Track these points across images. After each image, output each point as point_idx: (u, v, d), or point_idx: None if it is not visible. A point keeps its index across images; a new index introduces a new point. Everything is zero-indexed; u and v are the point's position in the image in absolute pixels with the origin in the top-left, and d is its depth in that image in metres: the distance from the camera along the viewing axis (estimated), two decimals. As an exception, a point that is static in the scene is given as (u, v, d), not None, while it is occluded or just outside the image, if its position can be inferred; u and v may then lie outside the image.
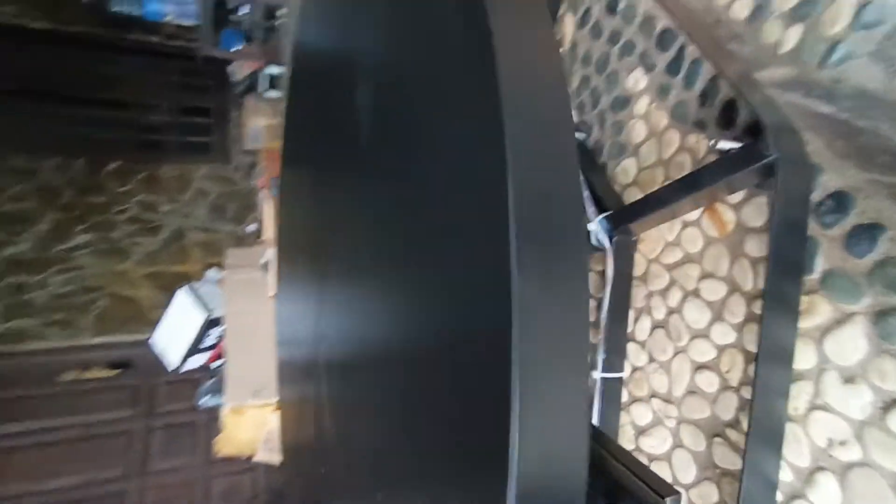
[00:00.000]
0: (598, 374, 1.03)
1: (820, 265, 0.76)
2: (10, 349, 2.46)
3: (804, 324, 0.78)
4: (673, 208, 0.87)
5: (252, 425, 4.10)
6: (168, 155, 3.29)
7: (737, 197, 0.88)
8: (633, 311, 1.09)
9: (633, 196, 1.09)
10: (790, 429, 0.79)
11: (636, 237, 1.03)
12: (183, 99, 3.55)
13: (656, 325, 1.04)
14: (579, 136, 1.17)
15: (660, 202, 0.86)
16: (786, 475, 0.80)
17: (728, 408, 0.89)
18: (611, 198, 1.04)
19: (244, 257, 4.11)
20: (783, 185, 0.68)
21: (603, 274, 1.06)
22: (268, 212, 4.34)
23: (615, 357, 1.04)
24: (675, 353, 1.00)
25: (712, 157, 0.87)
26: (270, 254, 4.11)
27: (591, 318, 1.14)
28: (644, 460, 1.06)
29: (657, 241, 1.03)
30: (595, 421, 1.03)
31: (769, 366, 0.76)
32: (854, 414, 0.73)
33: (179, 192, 3.18)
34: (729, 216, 0.90)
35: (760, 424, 0.73)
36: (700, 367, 0.95)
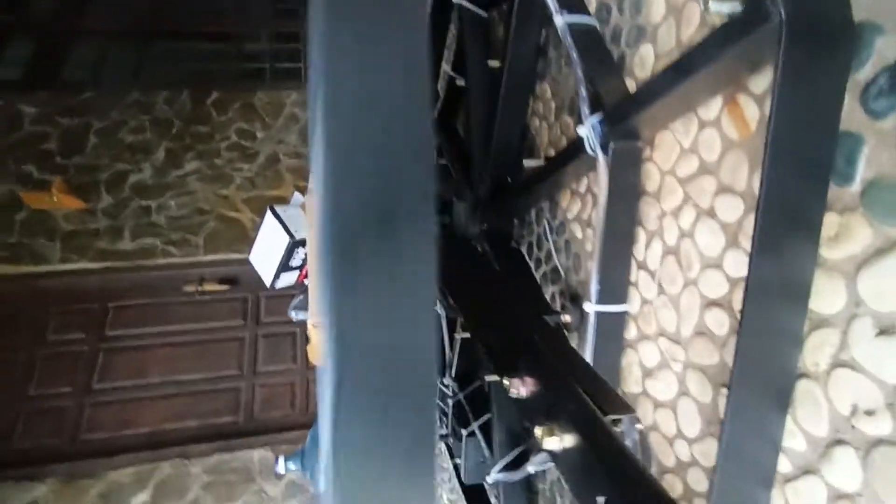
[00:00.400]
0: (591, 307, 0.88)
1: (861, 172, 0.55)
2: (139, 264, 2.78)
3: (832, 253, 0.58)
4: (676, 100, 0.67)
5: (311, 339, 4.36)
6: (262, 82, 3.43)
7: (761, 84, 0.65)
8: (645, 234, 0.90)
9: (648, 93, 0.88)
10: (806, 387, 0.61)
11: (643, 142, 0.83)
12: (277, 25, 3.64)
13: (667, 252, 0.85)
14: (590, 21, 0.95)
15: (655, 92, 0.66)
16: (797, 442, 0.63)
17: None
18: (616, 96, 0.84)
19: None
20: (790, 56, 0.47)
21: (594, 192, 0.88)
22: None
23: (614, 287, 0.88)
24: (685, 286, 0.82)
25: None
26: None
27: (583, 241, 0.96)
28: (650, 406, 0.92)
29: (671, 147, 0.83)
30: (588, 357, 0.90)
31: (770, 301, 0.58)
32: (889, 376, 0.54)
33: (273, 118, 3.29)
34: (752, 112, 0.68)
35: (750, 374, 0.57)
36: (710, 304, 0.77)
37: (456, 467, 2.16)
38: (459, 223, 1.24)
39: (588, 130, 0.80)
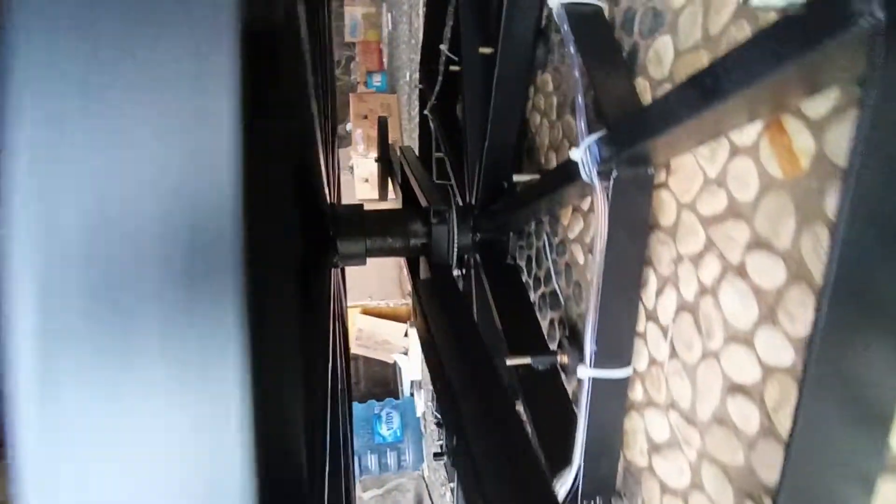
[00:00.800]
0: (585, 371, 0.71)
1: (978, 263, 0.36)
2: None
3: (921, 374, 0.39)
4: (701, 124, 0.47)
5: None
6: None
7: (820, 107, 0.46)
8: (657, 278, 0.72)
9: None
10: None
11: (652, 167, 0.64)
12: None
13: (683, 307, 0.67)
14: (594, 2, 0.74)
15: (674, 112, 0.47)
16: None
17: (769, 463, 0.55)
18: (623, 107, 0.64)
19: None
20: (891, 75, 0.28)
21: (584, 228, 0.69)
22: (355, 112, 4.20)
23: (615, 348, 0.70)
24: (703, 357, 0.64)
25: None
26: (358, 158, 4.01)
27: (584, 268, 0.77)
28: (656, 487, 0.75)
29: (692, 175, 0.63)
30: (582, 424, 0.73)
31: (829, 426, 0.40)
32: None
33: (283, 87, 3.14)
34: (803, 142, 0.48)
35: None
36: (735, 389, 0.59)
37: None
38: (450, 231, 1.06)
39: (583, 154, 0.61)
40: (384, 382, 4.71)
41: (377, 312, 4.10)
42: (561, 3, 0.71)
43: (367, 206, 1.24)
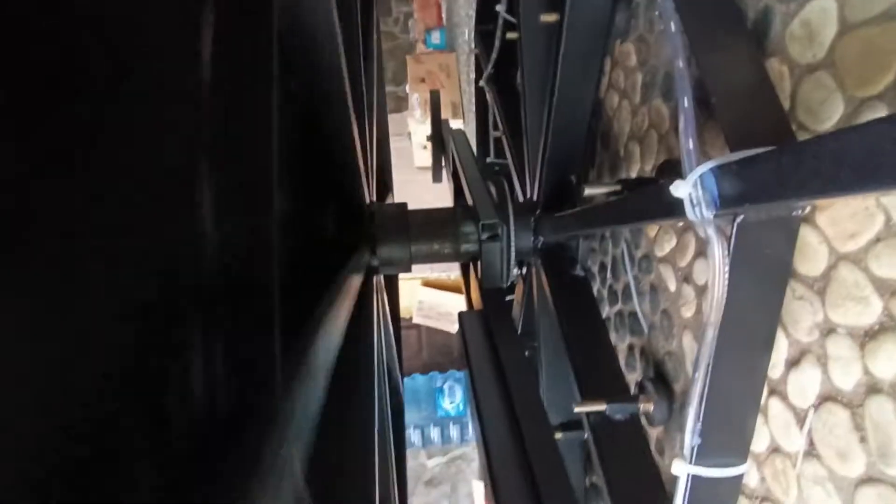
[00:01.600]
0: (683, 468, 0.53)
1: None
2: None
3: None
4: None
5: (405, 294, 4.34)
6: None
7: None
8: (788, 342, 0.52)
9: (815, 97, 0.46)
10: None
11: (801, 207, 0.43)
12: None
13: (831, 396, 0.47)
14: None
15: (867, 161, 0.27)
16: None
17: None
18: (757, 114, 0.43)
19: (394, 125, 3.94)
20: None
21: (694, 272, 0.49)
22: (412, 76, 4.01)
23: (726, 440, 0.52)
24: (870, 480, 0.44)
25: None
26: (415, 125, 3.85)
27: (676, 296, 0.57)
28: None
29: (862, 214, 0.42)
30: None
31: None
32: None
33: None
34: None
35: None
36: (927, 546, 0.40)
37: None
38: (503, 249, 0.89)
39: (692, 190, 0.41)
40: (447, 352, 4.69)
41: (438, 284, 4.01)
42: (658, -43, 0.49)
43: (423, 179, 1.07)
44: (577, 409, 0.78)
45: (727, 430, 0.51)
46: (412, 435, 3.73)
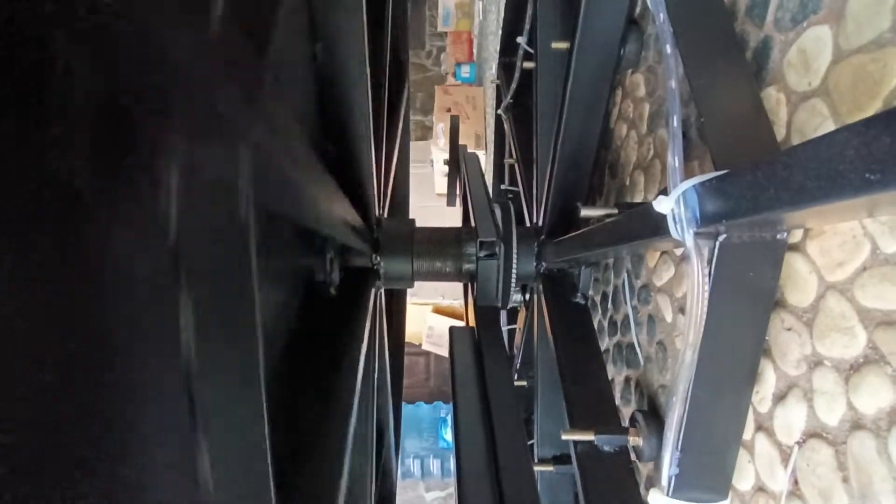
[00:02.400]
0: (659, 499, 0.51)
1: None
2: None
3: None
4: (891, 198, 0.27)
5: (415, 319, 4.30)
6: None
7: None
8: (775, 375, 0.50)
9: (810, 124, 0.45)
10: None
11: (785, 230, 0.42)
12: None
13: (816, 432, 0.45)
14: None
15: (833, 174, 0.27)
16: None
17: None
18: (743, 137, 0.43)
19: (418, 152, 3.99)
20: None
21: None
22: (439, 105, 4.10)
23: (705, 472, 0.50)
24: (849, 522, 0.42)
25: None
26: (438, 153, 3.91)
27: (672, 328, 0.54)
28: None
29: (850, 243, 0.41)
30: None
31: None
32: None
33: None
34: None
35: None
36: None
37: None
38: (499, 268, 0.89)
39: (675, 206, 0.41)
40: (455, 381, 4.62)
41: (449, 312, 3.99)
42: (658, -18, 0.50)
43: (443, 205, 1.08)
44: (564, 437, 0.76)
45: (707, 462, 0.49)
46: (412, 465, 3.65)
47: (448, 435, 3.66)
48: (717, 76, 0.46)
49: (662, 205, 0.42)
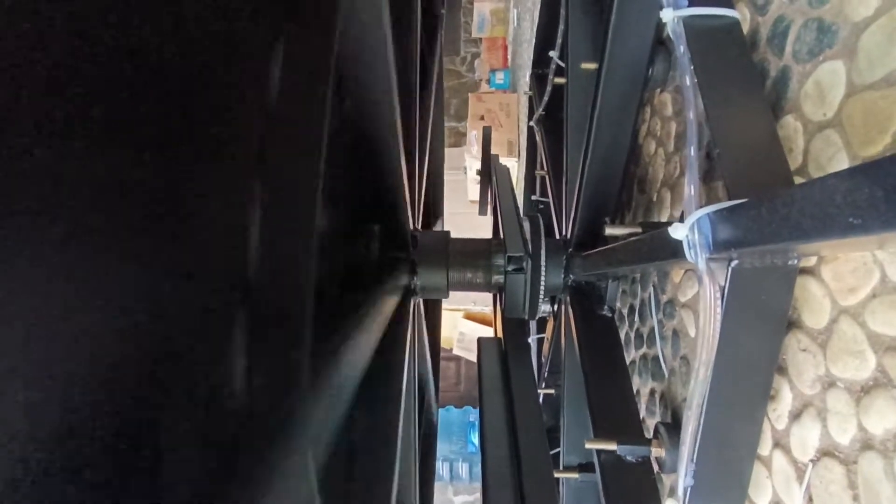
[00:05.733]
0: (676, 510, 0.53)
1: None
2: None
3: None
4: (884, 238, 0.29)
5: (446, 324, 4.34)
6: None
7: None
8: (792, 394, 0.52)
9: (825, 153, 0.47)
10: None
11: (796, 257, 0.44)
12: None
13: (830, 451, 0.47)
14: (729, 14, 0.55)
15: (832, 215, 0.29)
16: None
17: None
18: (758, 168, 0.45)
19: (451, 158, 4.04)
20: None
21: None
22: (472, 113, 4.14)
23: (719, 484, 0.52)
24: (858, 538, 0.43)
25: None
26: (471, 160, 3.95)
27: (695, 343, 0.55)
28: None
29: (862, 270, 0.43)
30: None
31: None
32: None
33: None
34: None
35: None
36: None
37: None
38: (526, 282, 0.92)
39: (689, 233, 0.44)
40: (485, 386, 4.65)
41: (480, 318, 4.01)
42: (678, 16, 0.53)
43: (475, 212, 1.11)
44: (588, 446, 0.78)
45: (722, 475, 0.51)
46: (441, 468, 3.69)
47: (477, 439, 3.68)
48: (734, 107, 0.48)
49: (678, 231, 0.44)
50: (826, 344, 0.47)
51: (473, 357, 4.25)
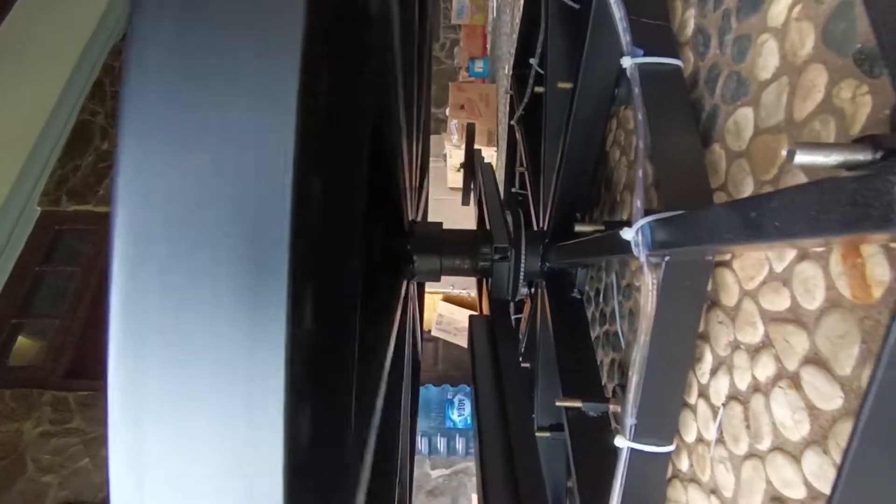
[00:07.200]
0: (623, 443, 0.70)
1: None
2: None
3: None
4: (749, 247, 0.45)
5: (425, 307, 4.47)
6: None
7: None
8: (712, 357, 0.68)
9: (738, 177, 0.63)
10: None
11: (713, 255, 0.60)
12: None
13: (735, 396, 0.63)
14: (673, 62, 0.70)
15: (717, 229, 0.45)
16: None
17: (802, 590, 0.51)
18: (686, 188, 0.61)
19: (432, 145, 4.14)
20: None
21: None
22: (452, 102, 4.24)
23: (657, 425, 0.68)
24: (749, 456, 0.60)
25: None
26: (451, 148, 4.06)
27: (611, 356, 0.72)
28: (691, 565, 0.73)
29: (758, 265, 0.59)
30: (616, 494, 0.73)
31: None
32: None
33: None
34: (879, 271, 0.44)
35: None
36: (777, 500, 0.56)
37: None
38: (510, 269, 1.07)
39: (635, 236, 0.59)
40: (461, 366, 4.83)
41: (458, 301, 4.18)
42: (634, 63, 0.68)
43: (454, 199, 1.24)
44: (558, 403, 0.95)
45: (658, 416, 0.68)
46: (420, 442, 3.88)
47: (454, 415, 3.88)
48: (672, 138, 0.64)
49: (627, 234, 0.60)
50: (735, 318, 0.64)
51: (451, 338, 4.41)
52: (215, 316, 0.26)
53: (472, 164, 1.76)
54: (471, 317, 1.02)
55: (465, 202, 1.88)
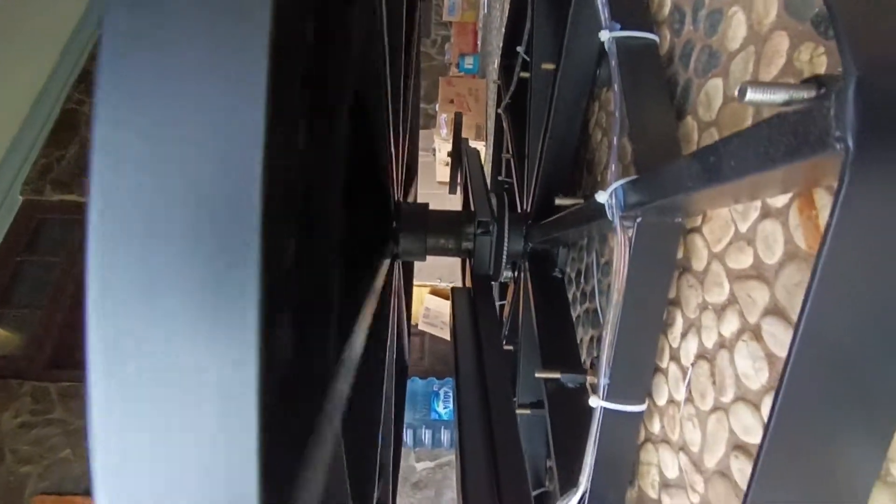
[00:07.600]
0: (596, 402, 0.72)
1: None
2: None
3: (897, 480, 0.38)
4: (712, 194, 0.47)
5: (413, 300, 4.49)
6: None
7: (842, 188, 0.44)
8: (683, 321, 0.71)
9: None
10: None
11: (681, 217, 0.63)
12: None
13: (703, 355, 0.66)
14: (649, 36, 0.73)
15: (681, 180, 0.47)
16: None
17: (760, 529, 0.54)
18: (658, 153, 0.64)
19: (421, 140, 4.16)
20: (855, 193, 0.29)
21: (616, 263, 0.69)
22: (442, 97, 4.26)
23: (629, 385, 0.71)
24: (714, 410, 0.63)
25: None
26: (441, 142, 4.07)
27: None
28: (661, 522, 0.76)
29: (725, 227, 0.62)
30: (590, 453, 0.75)
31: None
32: None
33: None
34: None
35: None
36: (738, 448, 0.59)
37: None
38: (492, 242, 1.09)
39: (608, 198, 0.62)
40: (447, 360, 4.85)
41: (445, 294, 4.20)
42: (612, 37, 0.71)
43: (444, 192, 1.27)
44: (538, 375, 0.97)
45: (629, 376, 0.70)
46: (405, 434, 3.90)
47: (440, 407, 3.90)
48: (645, 108, 0.67)
49: (601, 197, 0.63)
50: (703, 280, 0.67)
51: (438, 332, 4.43)
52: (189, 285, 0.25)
53: (458, 152, 1.79)
54: (453, 288, 1.04)
55: (452, 191, 1.90)
